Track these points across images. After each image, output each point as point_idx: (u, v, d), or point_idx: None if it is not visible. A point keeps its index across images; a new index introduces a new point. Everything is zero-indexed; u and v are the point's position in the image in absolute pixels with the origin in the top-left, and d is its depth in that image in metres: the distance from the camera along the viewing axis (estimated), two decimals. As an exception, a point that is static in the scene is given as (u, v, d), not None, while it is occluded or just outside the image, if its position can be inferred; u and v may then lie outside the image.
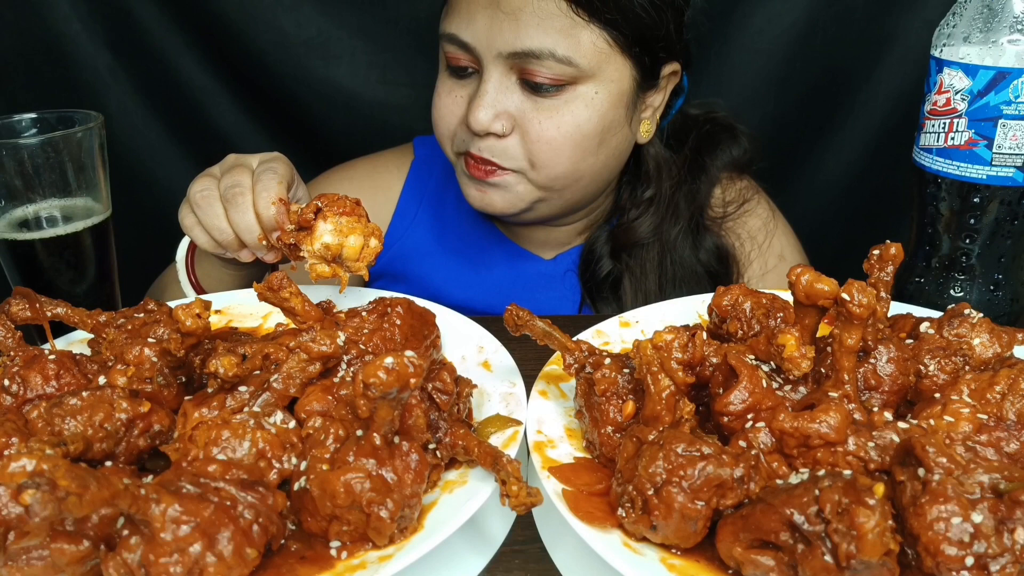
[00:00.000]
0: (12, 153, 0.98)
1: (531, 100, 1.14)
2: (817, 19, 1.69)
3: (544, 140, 1.14)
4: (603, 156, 1.20)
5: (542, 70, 1.11)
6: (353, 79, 1.76)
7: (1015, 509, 0.57)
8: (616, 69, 1.15)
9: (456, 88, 1.19)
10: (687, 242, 1.30)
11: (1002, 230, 1.00)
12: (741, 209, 1.35)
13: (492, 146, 1.16)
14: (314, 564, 0.64)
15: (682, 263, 1.30)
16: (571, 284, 1.37)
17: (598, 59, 1.12)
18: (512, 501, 0.66)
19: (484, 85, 1.14)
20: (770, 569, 0.60)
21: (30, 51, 1.66)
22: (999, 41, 0.94)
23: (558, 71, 1.11)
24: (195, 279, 1.15)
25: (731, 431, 0.70)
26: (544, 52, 1.09)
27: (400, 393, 0.63)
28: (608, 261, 1.31)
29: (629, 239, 1.30)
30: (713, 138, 1.35)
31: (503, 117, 1.14)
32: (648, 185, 1.30)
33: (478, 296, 1.37)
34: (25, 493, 0.49)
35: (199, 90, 1.76)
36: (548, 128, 1.14)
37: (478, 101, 1.13)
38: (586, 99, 1.14)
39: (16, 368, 0.76)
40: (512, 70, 1.13)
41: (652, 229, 1.29)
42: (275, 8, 1.68)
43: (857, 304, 0.69)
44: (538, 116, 1.14)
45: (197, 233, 0.99)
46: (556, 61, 1.10)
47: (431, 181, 1.42)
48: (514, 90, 1.14)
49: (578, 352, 0.79)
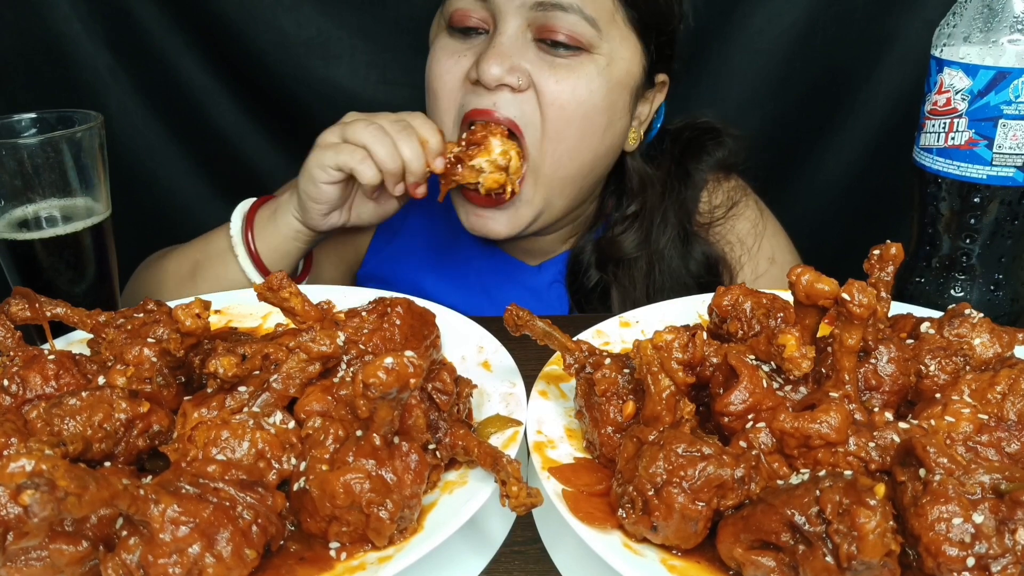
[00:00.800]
0: (12, 153, 0.98)
1: (546, 58, 1.11)
2: (817, 19, 1.69)
3: (559, 104, 1.11)
4: (605, 143, 1.19)
5: (564, 25, 1.09)
6: (353, 79, 1.75)
7: (1016, 509, 0.57)
8: (628, 48, 1.15)
9: (460, 49, 1.16)
10: (675, 252, 1.29)
11: (1002, 230, 1.00)
12: (730, 212, 1.33)
13: (509, 102, 1.12)
14: (313, 565, 0.63)
15: (671, 273, 1.28)
16: (558, 292, 1.36)
17: (614, 31, 1.12)
18: (512, 502, 0.65)
19: (498, 37, 1.10)
20: (771, 570, 0.60)
21: (30, 51, 1.66)
22: (999, 41, 0.94)
23: (580, 30, 1.09)
24: (254, 247, 1.16)
25: (731, 431, 0.70)
26: (573, 6, 1.08)
27: (400, 393, 0.63)
28: (595, 272, 1.30)
29: (614, 253, 1.29)
30: (696, 143, 1.34)
31: (518, 71, 1.10)
32: (632, 200, 1.29)
33: (464, 301, 1.36)
34: (24, 493, 0.49)
35: (199, 90, 1.76)
36: (564, 89, 1.11)
37: (491, 51, 1.10)
38: (599, 67, 1.12)
39: (15, 368, 0.76)
40: (529, 27, 1.11)
41: (637, 244, 1.28)
42: (275, 8, 1.68)
43: (857, 304, 0.69)
44: (555, 74, 1.11)
45: (365, 167, 1.07)
46: (582, 18, 1.09)
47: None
48: (529, 46, 1.11)
49: (578, 352, 0.79)
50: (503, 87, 1.11)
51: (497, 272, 1.38)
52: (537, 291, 1.37)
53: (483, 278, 1.39)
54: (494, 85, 1.10)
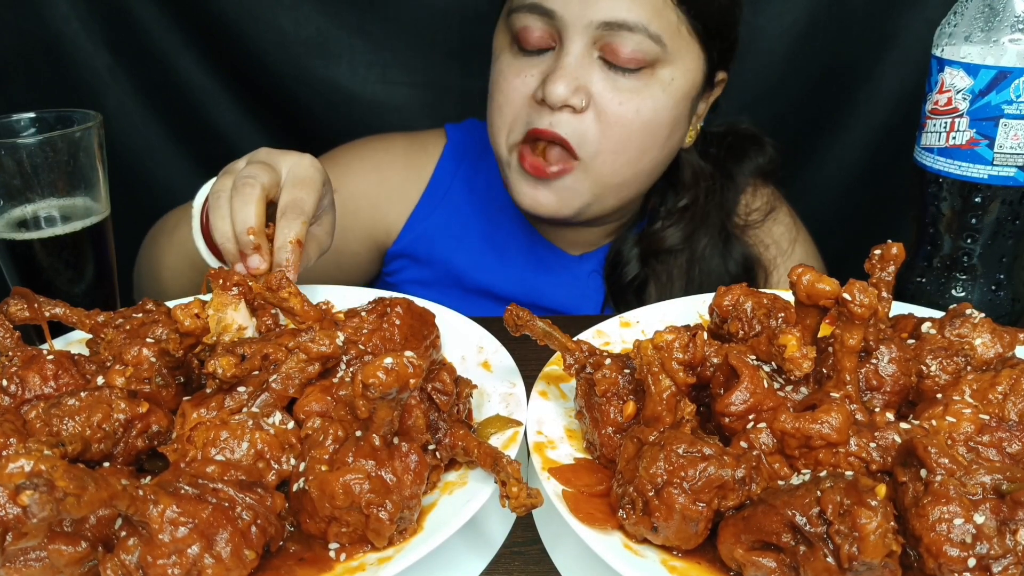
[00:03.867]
0: (11, 153, 0.98)
1: (611, 79, 1.11)
2: (818, 18, 1.69)
3: (622, 124, 1.11)
4: (665, 152, 1.19)
5: (629, 45, 1.08)
6: (352, 79, 1.75)
7: (1017, 510, 0.57)
8: (692, 59, 1.14)
9: (525, 66, 1.15)
10: (716, 251, 1.30)
11: (1003, 230, 1.00)
12: (767, 217, 1.35)
13: (567, 121, 1.12)
14: (313, 566, 0.63)
15: (710, 272, 1.29)
16: (595, 284, 1.36)
17: (679, 44, 1.11)
18: (512, 502, 0.65)
19: (564, 58, 1.10)
20: (771, 571, 0.60)
21: (29, 51, 1.66)
22: (1000, 40, 0.93)
23: (645, 48, 1.09)
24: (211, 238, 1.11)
25: (732, 432, 0.70)
26: (639, 25, 1.07)
27: (399, 394, 0.62)
28: (636, 265, 1.31)
29: (659, 246, 1.29)
30: (739, 147, 1.35)
31: (582, 92, 1.10)
32: (684, 193, 1.29)
33: (500, 283, 1.36)
34: (23, 494, 0.48)
35: (198, 90, 1.75)
36: (627, 111, 1.11)
37: (558, 72, 1.09)
38: (663, 84, 1.12)
39: (14, 368, 0.76)
40: (595, 45, 1.10)
41: (683, 238, 1.29)
42: (274, 7, 1.68)
43: (858, 304, 0.68)
44: (618, 96, 1.11)
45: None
46: (647, 36, 1.08)
47: (463, 166, 1.41)
48: (594, 66, 1.11)
49: (578, 352, 0.79)
50: (565, 107, 1.11)
51: (538, 258, 1.38)
52: (575, 280, 1.37)
53: (521, 263, 1.38)
54: (559, 105, 1.11)
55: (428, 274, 1.40)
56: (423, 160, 1.42)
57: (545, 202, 1.18)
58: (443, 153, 1.42)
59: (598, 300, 1.36)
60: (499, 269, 1.37)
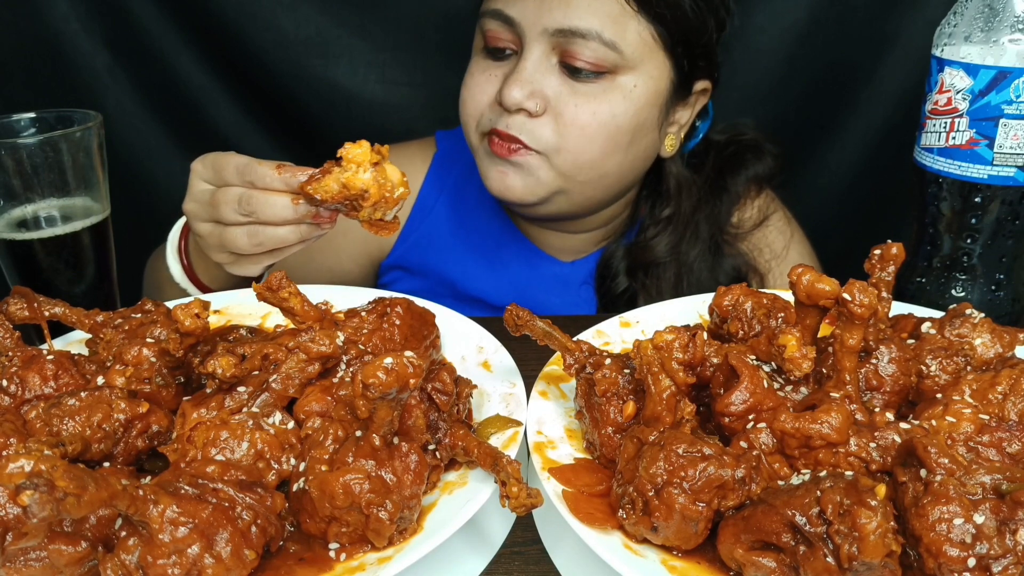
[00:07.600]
0: (11, 153, 0.98)
1: (568, 84, 1.13)
2: (818, 18, 1.69)
3: (578, 125, 1.13)
4: (631, 156, 1.19)
5: (585, 52, 1.10)
6: (352, 79, 1.75)
7: (1017, 510, 0.57)
8: (656, 66, 1.15)
9: (491, 68, 1.18)
10: (705, 264, 1.30)
11: (1003, 230, 1.00)
12: (760, 226, 1.35)
13: (522, 124, 1.14)
14: (313, 566, 0.63)
15: (699, 285, 1.29)
16: (587, 294, 1.36)
17: (641, 51, 1.12)
18: (512, 502, 0.65)
19: (523, 62, 1.12)
20: (771, 571, 0.60)
21: (28, 50, 1.66)
22: (1000, 40, 0.93)
23: (601, 55, 1.10)
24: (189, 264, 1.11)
25: (732, 432, 0.70)
26: (591, 32, 1.09)
27: (399, 393, 0.62)
28: (624, 279, 1.31)
29: (646, 257, 1.29)
30: (737, 158, 1.34)
31: (538, 96, 1.12)
32: (668, 203, 1.30)
33: (492, 292, 1.36)
34: (23, 494, 0.48)
35: (198, 89, 1.75)
36: (583, 113, 1.12)
37: (514, 77, 1.12)
38: (624, 91, 1.13)
39: (14, 368, 0.76)
40: (554, 51, 1.12)
41: (669, 249, 1.29)
42: (274, 7, 1.68)
43: (858, 304, 0.68)
44: (574, 99, 1.12)
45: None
46: (601, 44, 1.09)
47: (452, 175, 1.42)
48: (553, 71, 1.13)
49: (578, 352, 0.79)
50: (521, 111, 1.13)
51: (529, 264, 1.38)
52: (567, 285, 1.37)
53: (514, 270, 1.39)
54: (514, 109, 1.13)
55: (422, 284, 1.40)
56: (412, 171, 1.42)
57: (512, 185, 1.19)
58: (432, 163, 1.43)
59: (591, 308, 1.36)
60: (491, 278, 1.38)
